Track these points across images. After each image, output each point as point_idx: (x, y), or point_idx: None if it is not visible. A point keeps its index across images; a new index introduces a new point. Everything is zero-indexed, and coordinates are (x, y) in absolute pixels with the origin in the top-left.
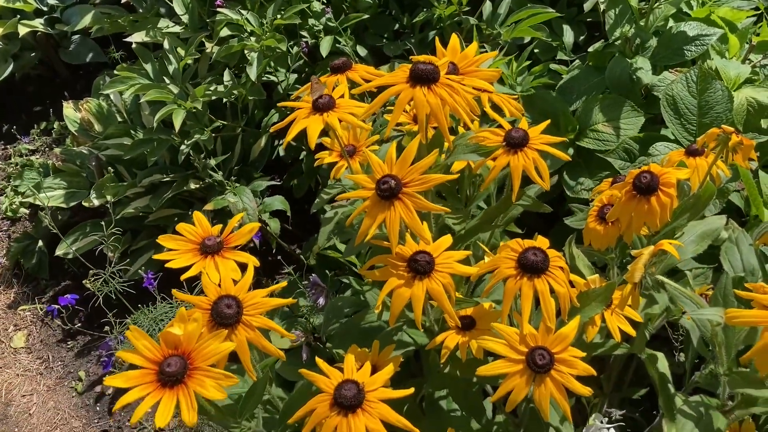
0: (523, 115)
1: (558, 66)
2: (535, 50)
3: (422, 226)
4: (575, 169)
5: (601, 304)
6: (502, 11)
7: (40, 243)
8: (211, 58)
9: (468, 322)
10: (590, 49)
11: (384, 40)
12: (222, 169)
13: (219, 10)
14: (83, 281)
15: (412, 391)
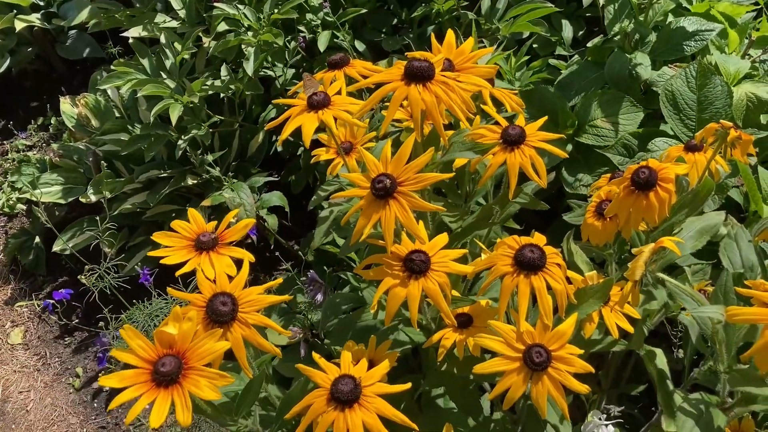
0: (521, 110)
1: (557, 61)
2: (534, 45)
3: (418, 226)
4: (574, 165)
5: (599, 301)
6: (501, 6)
7: (37, 239)
8: (208, 53)
9: (465, 320)
10: (589, 45)
11: (382, 35)
12: (219, 164)
13: (216, 4)
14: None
15: (409, 386)
